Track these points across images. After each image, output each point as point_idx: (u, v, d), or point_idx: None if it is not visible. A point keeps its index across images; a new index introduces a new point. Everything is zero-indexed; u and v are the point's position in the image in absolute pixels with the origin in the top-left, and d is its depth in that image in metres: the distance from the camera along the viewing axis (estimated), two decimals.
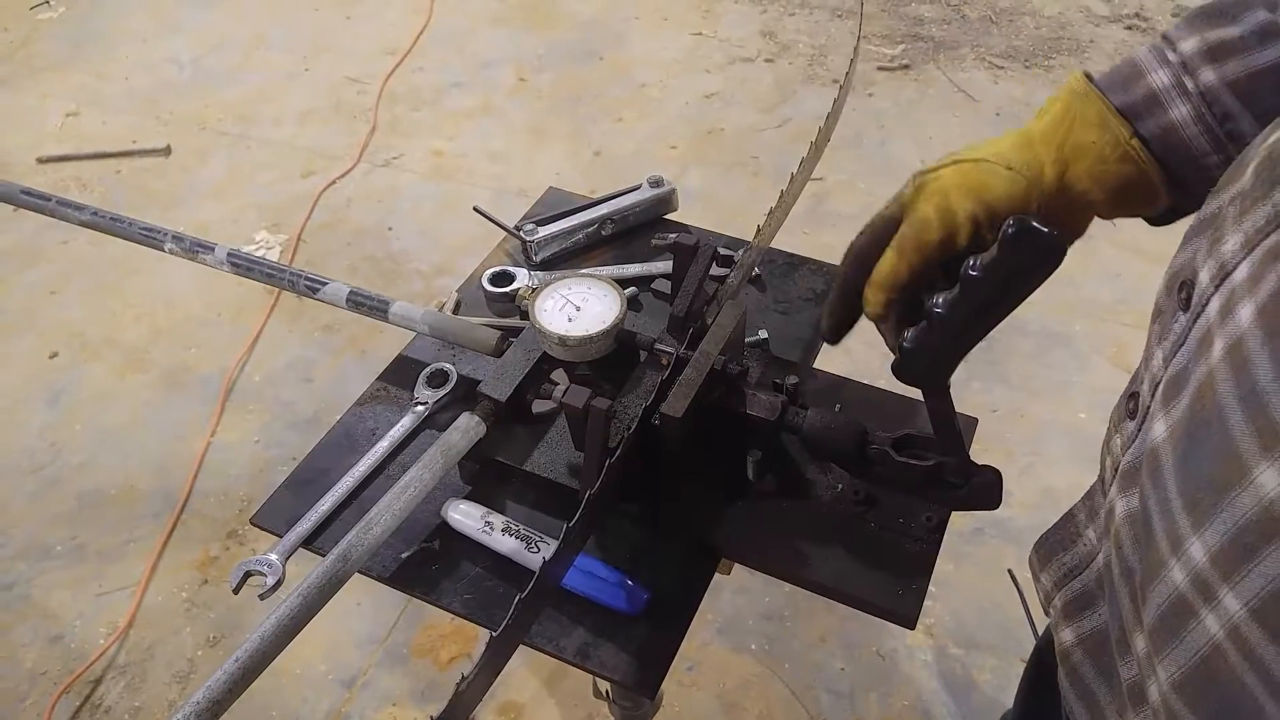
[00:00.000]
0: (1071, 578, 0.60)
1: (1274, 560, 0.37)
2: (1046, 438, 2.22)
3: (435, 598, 0.78)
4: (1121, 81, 0.67)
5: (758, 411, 0.77)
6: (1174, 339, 0.48)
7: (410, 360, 0.97)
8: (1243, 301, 0.41)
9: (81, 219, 1.05)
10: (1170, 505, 0.43)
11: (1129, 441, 0.52)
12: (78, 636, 1.95)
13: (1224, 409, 0.40)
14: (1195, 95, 0.65)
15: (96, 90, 3.46)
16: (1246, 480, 0.38)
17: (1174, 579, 0.43)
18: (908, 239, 0.70)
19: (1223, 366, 0.41)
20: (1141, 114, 0.66)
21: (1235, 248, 0.43)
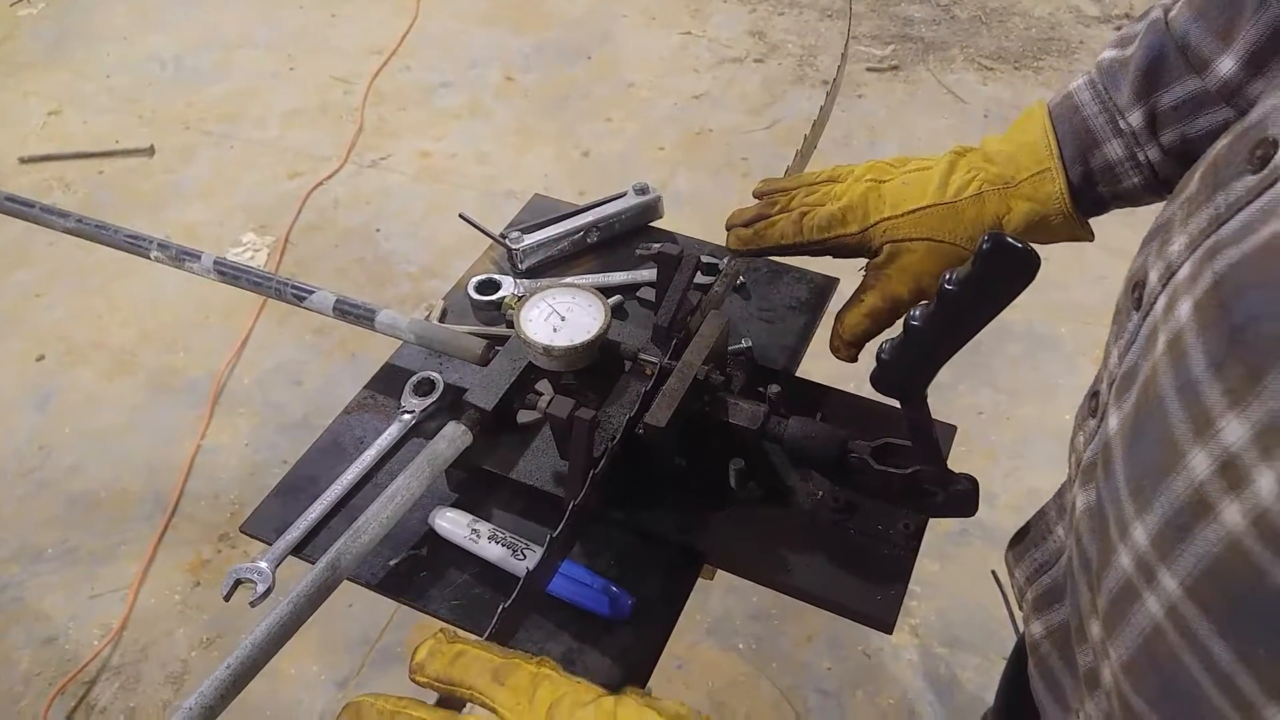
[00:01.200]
0: (1042, 573, 0.62)
1: (1204, 539, 0.39)
2: (1032, 440, 2.24)
3: (423, 604, 0.79)
4: (1080, 154, 0.75)
5: (740, 420, 0.79)
6: (1127, 338, 0.50)
7: (397, 369, 0.98)
8: (1183, 298, 0.43)
9: (66, 226, 1.05)
10: (1119, 494, 0.45)
11: (1090, 438, 0.54)
12: (71, 638, 1.96)
13: (1164, 399, 0.42)
14: (1146, 167, 0.73)
15: (78, 89, 3.44)
16: (1181, 465, 0.40)
17: (1122, 564, 0.44)
18: (882, 313, 0.83)
19: (1164, 360, 0.43)
20: (1098, 182, 0.76)
21: (1180, 248, 0.45)
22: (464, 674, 0.53)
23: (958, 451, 0.88)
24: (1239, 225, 0.41)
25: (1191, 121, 0.69)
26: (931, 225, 0.79)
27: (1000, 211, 0.78)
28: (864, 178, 0.85)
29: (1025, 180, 0.77)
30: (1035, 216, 0.77)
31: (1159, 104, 0.70)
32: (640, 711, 0.50)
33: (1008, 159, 0.78)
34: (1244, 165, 0.42)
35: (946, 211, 0.79)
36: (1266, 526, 0.36)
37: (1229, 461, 0.37)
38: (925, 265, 0.80)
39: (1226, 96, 0.66)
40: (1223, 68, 0.65)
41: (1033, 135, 0.77)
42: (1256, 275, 0.38)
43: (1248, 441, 0.36)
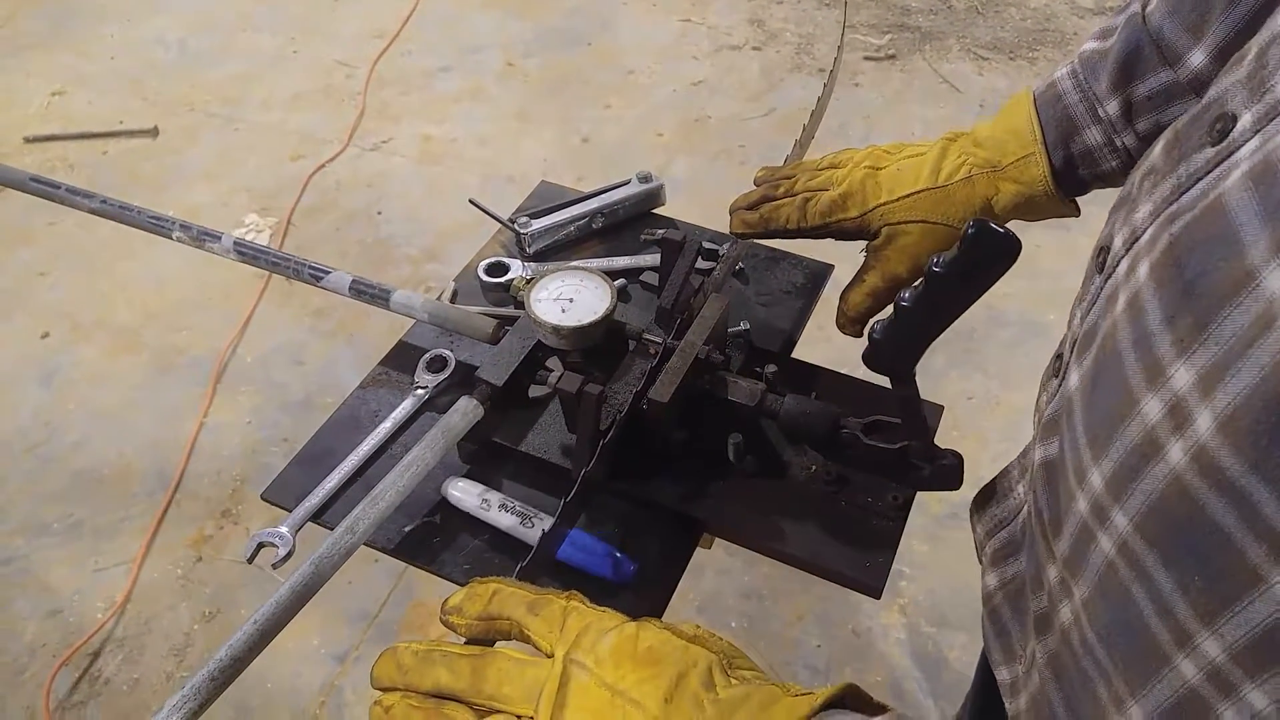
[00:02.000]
0: (1000, 528, 0.66)
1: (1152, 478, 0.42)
2: (1021, 424, 2.28)
3: (437, 568, 0.83)
4: (1062, 139, 0.81)
5: (739, 398, 0.83)
6: (1089, 299, 0.53)
7: (410, 346, 1.02)
8: (1142, 260, 0.46)
9: (91, 206, 1.09)
10: (1078, 443, 0.48)
11: (1052, 397, 0.57)
12: (76, 610, 2.00)
13: (1121, 352, 0.45)
14: (1123, 152, 0.78)
15: (82, 70, 3.46)
16: (1135, 411, 0.43)
17: (1079, 508, 0.47)
18: (883, 293, 0.90)
19: (1123, 317, 0.46)
20: (1078, 166, 0.81)
21: (1144, 216, 0.48)
22: (501, 608, 0.57)
23: (949, 435, 0.93)
24: (1197, 194, 0.44)
25: (1165, 110, 0.74)
26: (925, 208, 0.85)
27: (989, 193, 0.83)
28: (863, 164, 0.90)
29: (1011, 164, 0.82)
30: (1022, 198, 0.82)
31: (1135, 94, 0.75)
32: (659, 633, 0.54)
33: (996, 144, 0.83)
34: (1204, 138, 0.45)
35: (939, 195, 0.85)
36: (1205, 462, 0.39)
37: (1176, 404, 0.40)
38: (921, 245, 0.86)
39: (1196, 88, 0.71)
40: (1193, 61, 0.70)
41: (1018, 122, 0.82)
42: (1202, 234, 0.41)
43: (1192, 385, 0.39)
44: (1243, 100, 0.44)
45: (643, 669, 0.52)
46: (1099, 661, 0.47)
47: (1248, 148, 0.42)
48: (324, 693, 1.87)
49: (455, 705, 0.55)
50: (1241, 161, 0.41)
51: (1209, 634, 0.40)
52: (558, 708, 0.51)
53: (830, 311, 0.97)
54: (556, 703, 0.52)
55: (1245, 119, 0.43)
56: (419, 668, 0.56)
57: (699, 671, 0.52)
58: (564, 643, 0.54)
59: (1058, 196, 0.82)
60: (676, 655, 0.53)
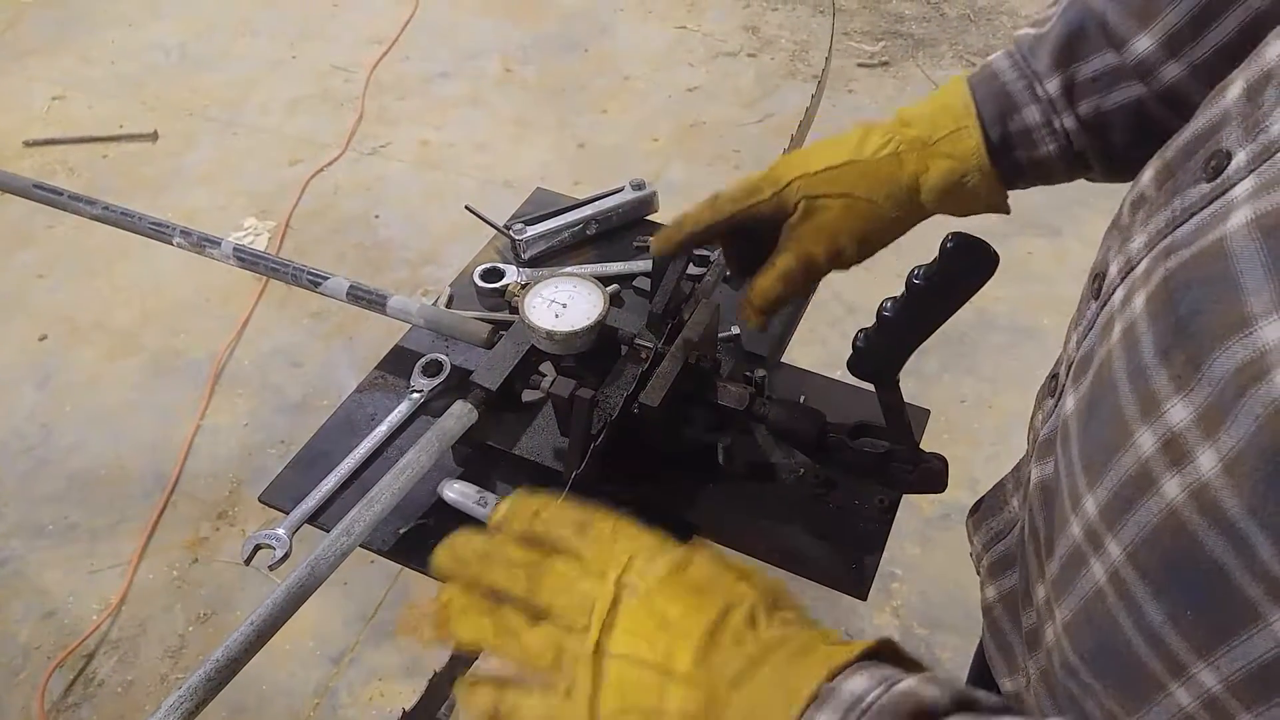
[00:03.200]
0: (997, 540, 0.67)
1: (1146, 510, 0.43)
2: (1012, 427, 2.30)
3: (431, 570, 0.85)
4: (998, 115, 0.74)
5: (728, 402, 0.84)
6: (1085, 324, 0.54)
7: (406, 351, 1.03)
8: (1138, 291, 0.47)
9: (94, 213, 1.10)
10: (1074, 468, 0.49)
11: (1048, 416, 0.58)
12: (71, 612, 2.01)
13: (1117, 383, 0.46)
14: (1061, 134, 0.73)
15: (83, 74, 3.48)
16: (1130, 442, 0.44)
17: (1073, 533, 0.49)
18: (795, 274, 0.79)
19: (1119, 346, 0.47)
20: (1015, 146, 0.75)
21: (1140, 246, 0.49)
22: (548, 527, 0.57)
23: (941, 438, 0.94)
24: (1192, 229, 0.45)
25: (1108, 94, 0.70)
26: (849, 181, 0.76)
27: (918, 169, 0.76)
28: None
29: (943, 138, 0.75)
30: (953, 174, 0.75)
31: (1077, 74, 0.71)
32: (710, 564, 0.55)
33: (925, 120, 0.77)
34: (1199, 173, 0.46)
35: (864, 167, 0.76)
36: (1206, 500, 0.40)
37: (1172, 440, 0.41)
38: (842, 223, 0.77)
39: (1141, 74, 0.68)
40: (1139, 46, 0.68)
41: (951, 99, 0.76)
42: (1198, 273, 0.42)
43: (1191, 422, 0.40)
44: (1237, 138, 0.45)
45: (691, 599, 0.53)
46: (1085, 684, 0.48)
47: (1243, 187, 0.42)
48: (319, 694, 1.88)
49: (510, 609, 0.56)
50: (1239, 202, 0.42)
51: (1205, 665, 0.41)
52: (607, 628, 0.53)
53: (821, 315, 0.99)
54: (606, 623, 0.53)
55: (1240, 157, 0.44)
56: (479, 564, 0.57)
57: (744, 609, 0.53)
58: (615, 565, 0.55)
59: (993, 175, 0.75)
60: (725, 589, 0.54)
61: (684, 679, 0.51)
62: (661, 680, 0.51)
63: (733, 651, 0.51)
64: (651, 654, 0.52)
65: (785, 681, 0.49)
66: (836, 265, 0.78)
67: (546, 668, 0.54)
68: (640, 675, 0.51)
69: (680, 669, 0.51)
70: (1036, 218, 2.74)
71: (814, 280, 0.80)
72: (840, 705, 0.47)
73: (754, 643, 0.51)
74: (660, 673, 0.51)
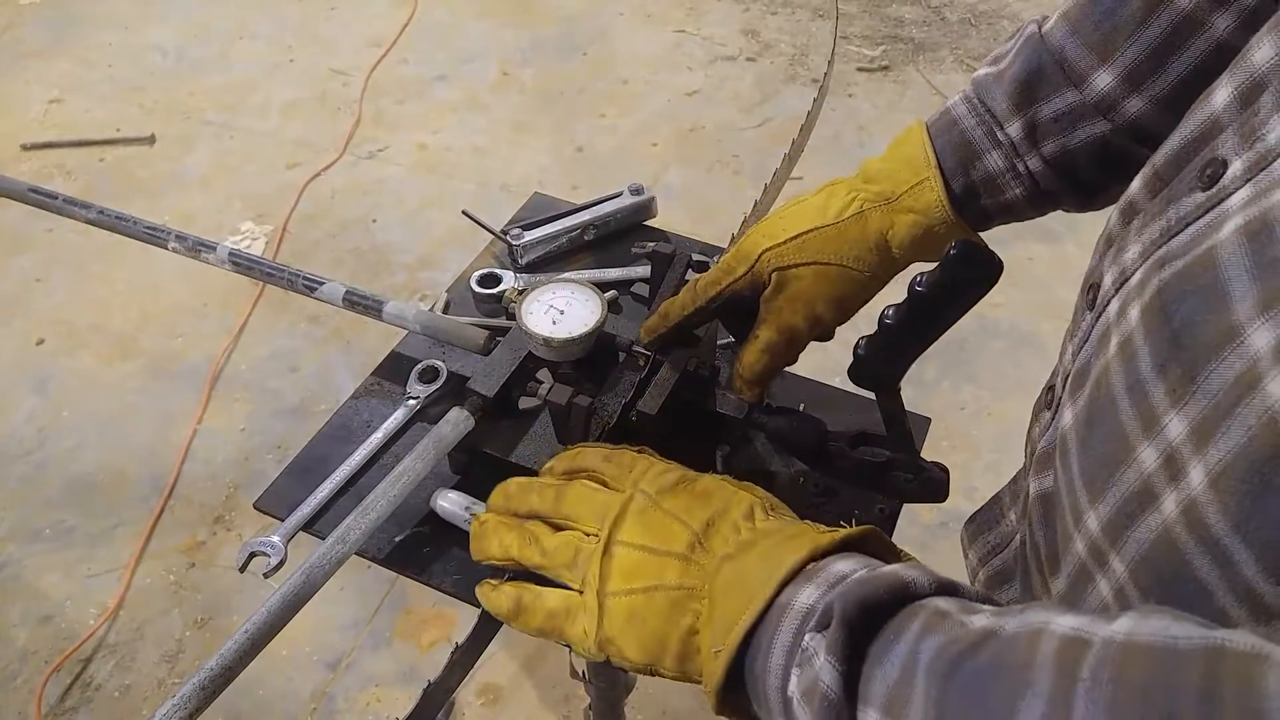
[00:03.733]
0: (994, 554, 0.67)
1: (1146, 526, 0.42)
2: (1012, 434, 2.29)
3: (426, 578, 0.84)
4: (960, 166, 0.74)
5: (727, 410, 0.84)
6: (1081, 336, 0.54)
7: (402, 357, 1.03)
8: (1133, 303, 0.46)
9: (88, 217, 1.09)
10: (1074, 484, 0.48)
11: (1045, 429, 0.58)
12: (68, 617, 2.00)
13: (1116, 397, 0.45)
14: (1026, 176, 0.73)
15: (80, 77, 3.47)
16: (1131, 458, 0.43)
17: (1077, 549, 0.48)
18: (779, 346, 0.79)
19: (1116, 360, 0.46)
20: (980, 194, 0.75)
21: (1134, 256, 0.49)
22: (582, 461, 0.68)
23: (941, 445, 0.93)
24: (1187, 239, 0.44)
25: (1071, 133, 0.70)
26: (816, 248, 0.76)
27: (884, 227, 0.75)
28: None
29: (905, 193, 0.74)
30: (919, 228, 0.74)
31: (1039, 115, 0.70)
32: (716, 479, 0.64)
33: (887, 176, 0.76)
34: (1195, 182, 0.46)
35: (830, 233, 0.75)
36: (1193, 516, 0.39)
37: (1171, 455, 0.41)
38: (816, 290, 0.76)
39: (1104, 111, 0.68)
40: (1099, 83, 0.67)
41: (910, 150, 0.75)
42: (1191, 284, 0.42)
43: (1185, 436, 0.40)
44: (1233, 146, 0.44)
45: (695, 499, 0.61)
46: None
47: (1239, 196, 0.42)
48: (315, 699, 1.87)
49: (537, 522, 0.66)
50: (1233, 211, 0.42)
51: None
52: (617, 524, 0.61)
53: None
54: (616, 522, 0.61)
55: (1236, 166, 0.43)
56: (519, 494, 0.68)
57: (742, 506, 0.60)
58: (632, 482, 0.64)
59: (958, 224, 0.74)
60: (726, 494, 0.62)
61: (681, 557, 0.58)
62: (662, 560, 0.58)
63: (729, 537, 0.58)
64: (654, 540, 0.59)
65: (772, 556, 0.54)
66: (817, 331, 0.79)
67: (564, 565, 0.62)
68: (642, 558, 0.59)
69: (678, 549, 0.58)
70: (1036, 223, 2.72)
71: (797, 349, 0.80)
72: (825, 581, 0.52)
73: (749, 531, 0.58)
74: (660, 555, 0.59)
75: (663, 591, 0.57)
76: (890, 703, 0.43)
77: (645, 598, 0.58)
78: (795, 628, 0.50)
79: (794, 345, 0.79)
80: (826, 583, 0.51)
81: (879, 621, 0.46)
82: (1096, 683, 0.35)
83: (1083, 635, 0.38)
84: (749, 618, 0.52)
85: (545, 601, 0.63)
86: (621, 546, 0.60)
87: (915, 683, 0.42)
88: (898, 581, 0.48)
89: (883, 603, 0.46)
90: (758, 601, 0.52)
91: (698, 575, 0.57)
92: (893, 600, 0.47)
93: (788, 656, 0.50)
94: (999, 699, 0.38)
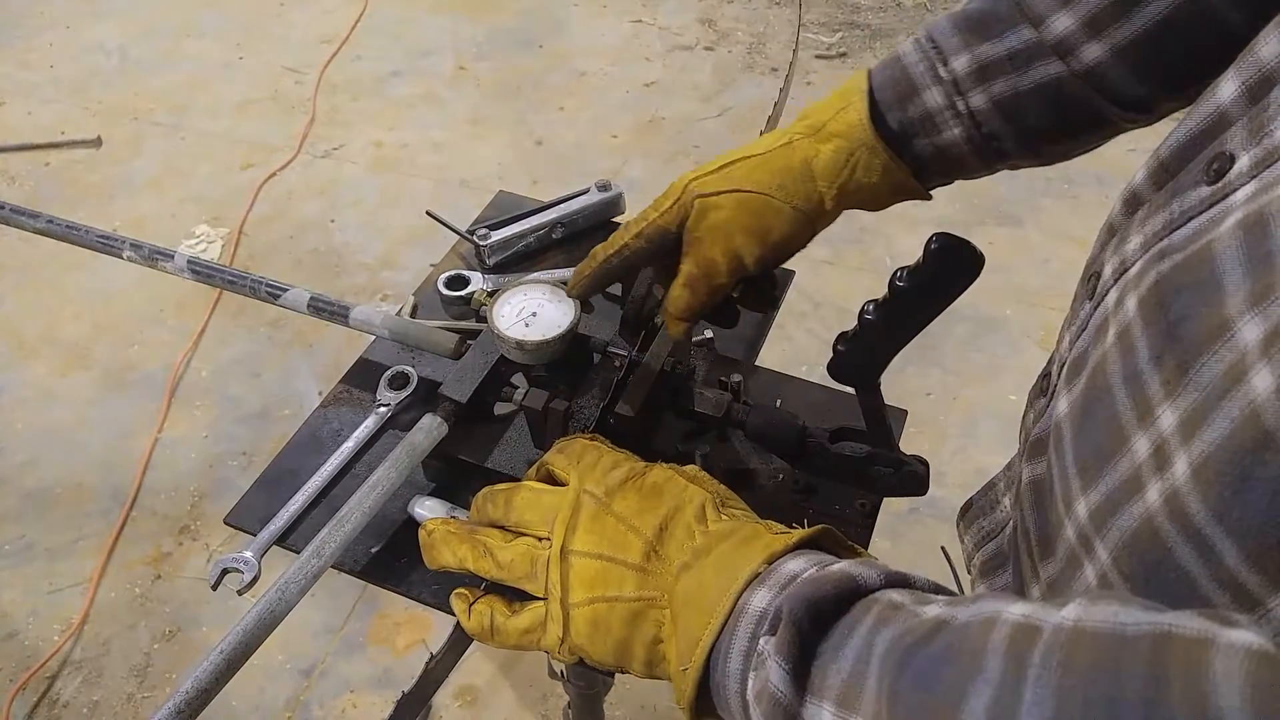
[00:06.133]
0: (988, 540, 0.67)
1: (1130, 515, 0.43)
2: (978, 420, 2.31)
3: (405, 589, 0.83)
4: (898, 100, 0.72)
5: (705, 408, 0.83)
6: (1079, 325, 0.54)
7: (371, 363, 1.01)
8: (1131, 294, 0.46)
9: (36, 226, 1.06)
10: (1067, 471, 0.49)
11: (1039, 416, 0.58)
12: (31, 634, 1.95)
13: (1112, 387, 0.45)
14: (966, 116, 0.70)
15: (20, 79, 3.39)
16: (1126, 448, 0.43)
17: (1067, 536, 0.48)
18: (698, 280, 0.76)
19: (1114, 350, 0.46)
20: (917, 133, 0.72)
21: (1135, 248, 0.49)
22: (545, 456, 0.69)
23: (908, 432, 0.93)
24: (1189, 233, 0.44)
25: (1024, 73, 0.67)
26: (739, 176, 0.74)
27: (809, 155, 0.73)
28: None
29: (831, 119, 0.73)
30: (842, 154, 0.72)
31: (991, 53, 0.68)
32: (664, 472, 0.63)
33: (820, 110, 0.75)
34: (1201, 176, 0.45)
35: (754, 161, 0.74)
36: (1176, 506, 0.40)
37: (1160, 445, 0.41)
38: (735, 220, 0.74)
39: (1061, 53, 0.66)
40: (1059, 25, 0.65)
41: (848, 86, 0.74)
42: (1189, 277, 0.42)
43: (1174, 428, 0.40)
44: (1241, 141, 0.44)
45: (645, 500, 0.61)
46: None
47: (1243, 191, 0.42)
48: (290, 708, 1.85)
49: (489, 530, 0.65)
50: (1236, 206, 0.42)
51: None
52: (570, 530, 0.61)
53: (787, 311, 0.97)
54: (569, 526, 0.61)
55: (1243, 161, 0.43)
56: (480, 505, 0.68)
57: (694, 506, 0.60)
58: (579, 474, 0.64)
59: (883, 151, 0.71)
60: (676, 491, 0.61)
61: (638, 569, 0.58)
62: (620, 571, 0.58)
63: (683, 543, 0.58)
64: (609, 549, 0.59)
65: (728, 566, 0.54)
66: (736, 266, 0.75)
67: (524, 576, 0.62)
68: (601, 567, 0.59)
69: (633, 560, 0.58)
70: (997, 208, 2.75)
71: (717, 285, 0.77)
72: (776, 583, 0.52)
73: (703, 535, 0.58)
74: (618, 565, 0.58)
75: (623, 603, 0.58)
76: (844, 695, 0.44)
77: (607, 607, 0.58)
78: (750, 632, 0.51)
79: (711, 280, 0.76)
80: (779, 584, 0.52)
81: (830, 619, 0.47)
82: (1045, 668, 0.36)
83: (1033, 622, 0.38)
84: (710, 634, 0.53)
85: (518, 622, 0.63)
86: (578, 556, 0.60)
87: (869, 673, 0.43)
88: (844, 578, 0.49)
89: (830, 600, 0.48)
90: (718, 616, 0.53)
91: (655, 585, 0.57)
92: (840, 597, 0.48)
93: (744, 661, 0.51)
94: (950, 685, 0.39)
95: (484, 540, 0.64)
